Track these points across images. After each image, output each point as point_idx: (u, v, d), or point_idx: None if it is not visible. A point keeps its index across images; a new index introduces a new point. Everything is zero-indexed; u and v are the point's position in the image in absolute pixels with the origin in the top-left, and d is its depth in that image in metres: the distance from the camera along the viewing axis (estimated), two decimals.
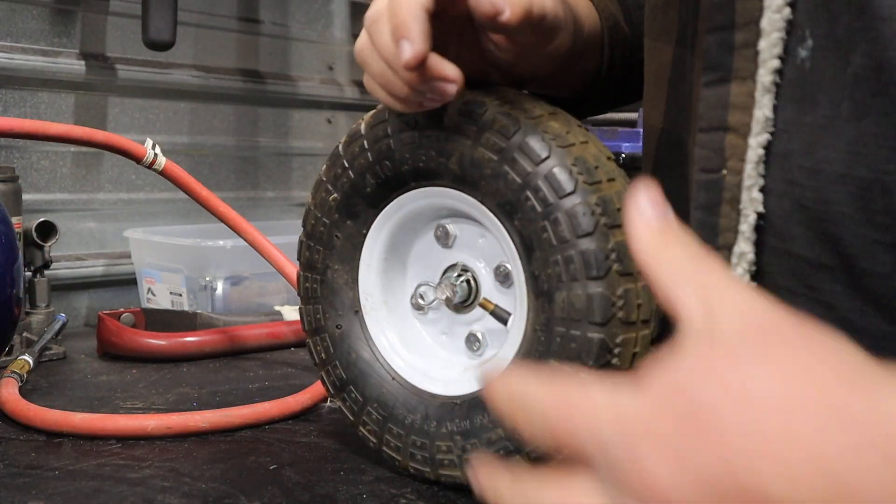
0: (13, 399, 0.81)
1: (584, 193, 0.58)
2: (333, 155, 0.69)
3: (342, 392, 0.71)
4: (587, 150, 0.60)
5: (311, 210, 0.71)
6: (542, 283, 0.60)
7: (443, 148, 0.63)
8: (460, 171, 0.62)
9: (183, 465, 0.71)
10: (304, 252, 0.72)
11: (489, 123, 0.61)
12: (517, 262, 0.62)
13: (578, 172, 0.59)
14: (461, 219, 0.68)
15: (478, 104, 0.61)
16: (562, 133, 0.60)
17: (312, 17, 1.64)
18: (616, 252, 0.58)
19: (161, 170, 1.02)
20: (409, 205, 0.68)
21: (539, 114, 0.61)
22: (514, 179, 0.60)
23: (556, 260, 0.59)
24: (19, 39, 1.26)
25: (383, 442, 0.68)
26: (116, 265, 1.35)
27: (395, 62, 0.57)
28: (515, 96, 0.62)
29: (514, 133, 0.60)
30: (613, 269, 0.58)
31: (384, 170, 0.66)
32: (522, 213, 0.60)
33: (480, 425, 0.63)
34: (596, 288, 0.58)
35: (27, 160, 1.28)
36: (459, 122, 0.62)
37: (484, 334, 0.68)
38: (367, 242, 0.70)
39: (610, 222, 0.58)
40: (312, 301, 0.72)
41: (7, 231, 0.90)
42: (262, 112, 1.57)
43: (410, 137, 0.64)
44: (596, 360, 0.58)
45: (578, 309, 0.58)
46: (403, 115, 0.64)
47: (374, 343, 0.70)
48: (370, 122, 0.67)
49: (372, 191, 0.68)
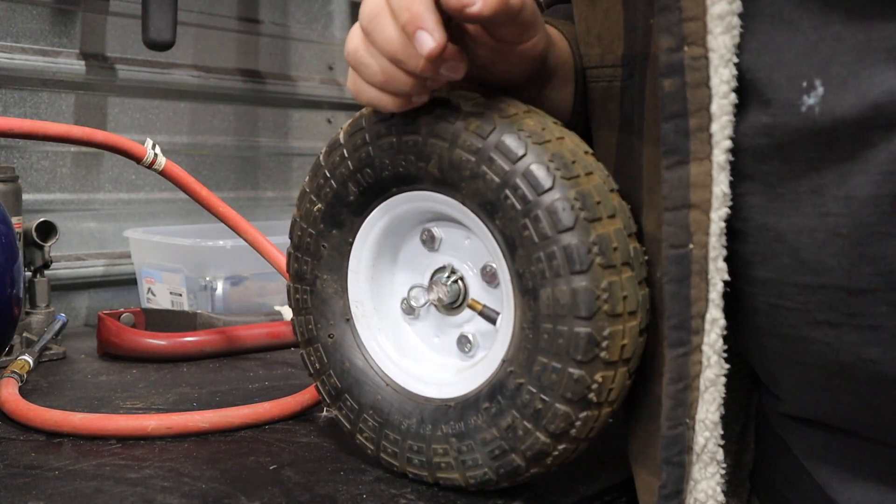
0: (13, 399, 0.81)
1: (563, 189, 0.58)
2: (315, 166, 0.70)
3: (338, 401, 0.71)
4: (564, 145, 0.61)
5: (296, 222, 0.71)
6: (526, 281, 0.60)
7: (421, 152, 0.63)
8: (440, 173, 0.62)
9: (183, 465, 0.71)
10: (292, 264, 0.72)
11: (465, 125, 0.61)
12: (502, 261, 0.62)
13: (556, 168, 0.59)
14: (445, 222, 0.68)
15: (453, 106, 0.62)
16: (537, 130, 0.60)
17: (312, 17, 1.64)
18: (598, 245, 0.58)
19: (161, 170, 1.02)
20: (392, 211, 0.68)
21: (514, 112, 0.61)
22: (492, 179, 0.60)
23: (539, 257, 0.59)
24: (19, 39, 1.26)
25: (381, 449, 0.68)
26: (116, 265, 1.35)
27: (405, 56, 0.58)
28: (490, 97, 0.63)
29: (490, 133, 0.60)
30: (596, 262, 0.58)
31: (365, 177, 0.66)
32: (503, 211, 0.60)
33: (474, 426, 0.63)
34: (580, 282, 0.58)
35: (27, 160, 1.28)
36: (436, 125, 0.62)
37: (475, 335, 0.68)
38: (354, 250, 0.70)
39: (590, 216, 0.58)
40: (304, 312, 0.72)
41: (7, 231, 0.90)
42: (262, 112, 1.57)
43: (389, 143, 0.64)
44: (584, 354, 0.58)
45: (563, 304, 0.58)
46: (381, 122, 0.64)
47: (367, 350, 0.70)
48: (348, 130, 0.67)
49: (355, 199, 0.68)
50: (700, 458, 0.57)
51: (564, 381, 0.58)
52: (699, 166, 0.54)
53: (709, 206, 0.54)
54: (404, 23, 0.56)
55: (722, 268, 0.54)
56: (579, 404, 0.59)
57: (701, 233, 0.54)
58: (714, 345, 0.55)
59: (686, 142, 0.54)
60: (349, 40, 0.62)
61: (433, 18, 0.56)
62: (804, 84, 0.51)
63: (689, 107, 0.54)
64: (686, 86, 0.54)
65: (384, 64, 0.59)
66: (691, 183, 0.54)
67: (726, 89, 0.53)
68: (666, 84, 0.54)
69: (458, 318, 0.69)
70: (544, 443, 0.60)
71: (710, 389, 0.56)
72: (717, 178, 0.53)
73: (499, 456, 0.62)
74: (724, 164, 0.53)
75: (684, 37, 0.53)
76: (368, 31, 0.60)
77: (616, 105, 0.66)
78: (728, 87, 0.53)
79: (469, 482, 0.64)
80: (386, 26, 0.58)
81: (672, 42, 0.54)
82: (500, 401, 0.62)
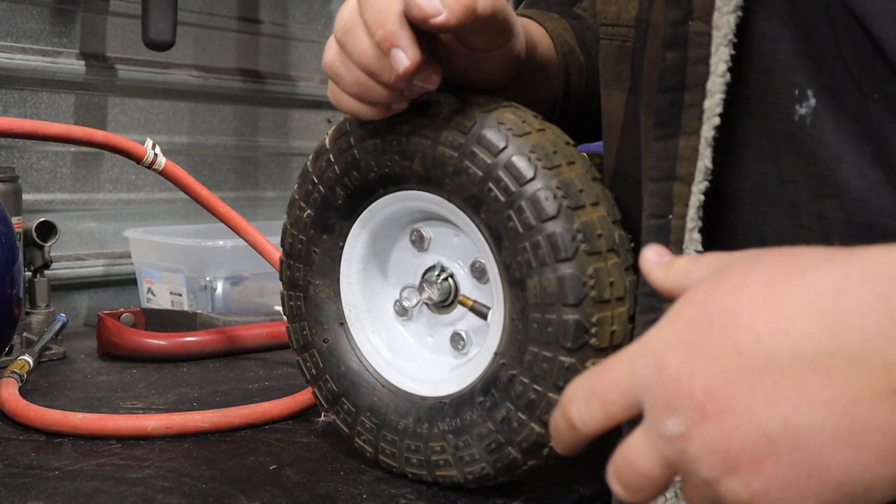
0: (13, 399, 0.81)
1: (545, 178, 0.59)
2: (303, 172, 0.70)
3: (335, 405, 0.71)
4: (545, 136, 0.61)
5: (287, 229, 0.72)
6: (513, 272, 0.60)
7: (405, 151, 0.63)
8: (424, 171, 0.63)
9: (183, 465, 0.71)
10: (285, 271, 0.73)
11: (446, 121, 0.61)
12: (489, 255, 0.62)
13: (537, 159, 0.59)
14: (434, 221, 0.68)
15: (433, 104, 0.62)
16: (517, 123, 0.61)
17: (312, 17, 1.64)
18: (582, 233, 0.58)
19: (161, 170, 1.02)
20: (380, 212, 0.68)
21: (493, 107, 0.62)
22: (475, 173, 0.60)
23: (525, 247, 0.59)
24: (19, 39, 1.26)
25: (379, 450, 0.68)
26: (116, 265, 1.35)
27: (379, 69, 0.58)
28: (469, 94, 0.63)
29: (471, 127, 0.61)
30: (581, 249, 0.58)
31: (352, 180, 0.67)
32: (487, 205, 0.60)
33: (470, 421, 0.63)
34: (566, 270, 0.58)
35: (27, 160, 1.28)
36: (418, 123, 0.62)
37: (467, 332, 0.69)
38: (345, 254, 0.70)
39: (573, 204, 0.59)
40: (298, 318, 0.72)
41: (7, 231, 0.90)
42: (262, 112, 1.57)
43: (373, 145, 0.65)
44: (574, 342, 0.58)
45: (551, 293, 0.58)
46: (365, 125, 0.65)
47: (362, 353, 0.71)
48: (333, 135, 0.68)
49: (343, 203, 0.68)
50: None
51: (556, 369, 0.59)
52: (687, 140, 0.54)
53: (691, 180, 0.54)
54: (379, 40, 0.57)
55: (696, 238, 0.54)
56: None
57: (681, 204, 0.54)
58: None
59: (678, 115, 0.54)
60: (326, 52, 0.62)
61: (407, 36, 0.56)
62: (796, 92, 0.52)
63: (686, 82, 0.54)
64: (687, 61, 0.54)
65: (359, 76, 0.60)
66: (679, 156, 0.54)
67: (724, 68, 0.53)
68: (668, 57, 0.54)
69: (450, 316, 0.69)
70: (539, 433, 0.60)
71: None
72: (703, 153, 0.54)
73: (495, 450, 0.62)
74: (711, 140, 0.53)
75: (691, 11, 0.53)
76: (343, 43, 0.60)
77: (628, 66, 0.65)
78: (725, 66, 0.53)
79: (468, 478, 0.64)
80: (360, 40, 0.59)
81: (679, 14, 0.54)
82: (494, 394, 0.62)
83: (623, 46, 0.66)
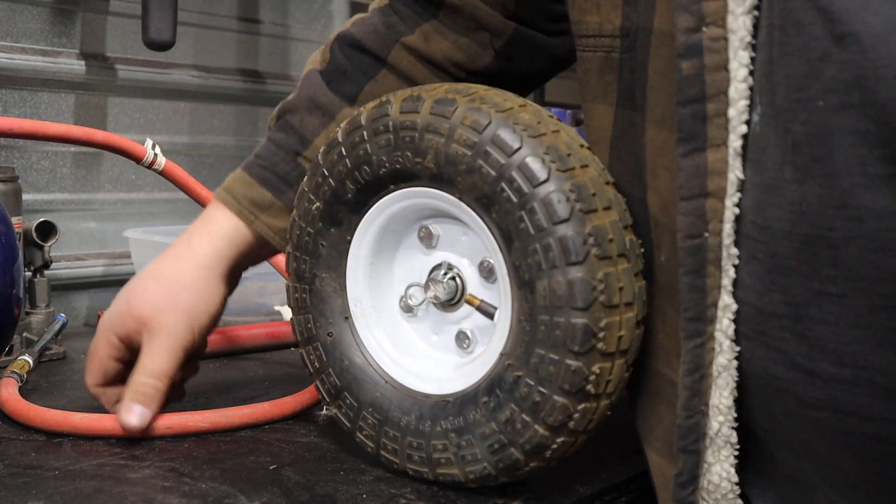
0: (13, 399, 0.81)
1: (558, 181, 0.59)
2: (313, 165, 0.70)
3: (337, 399, 0.71)
4: (559, 138, 0.61)
5: (295, 221, 0.72)
6: (523, 274, 0.60)
7: (418, 148, 0.63)
8: (436, 169, 0.63)
9: (183, 465, 0.71)
10: (291, 263, 0.72)
11: (460, 119, 0.61)
12: (499, 255, 0.62)
13: (551, 161, 0.59)
14: (443, 218, 0.68)
15: (448, 101, 0.62)
16: (532, 123, 0.61)
17: (312, 17, 1.64)
18: (594, 237, 0.58)
19: (161, 170, 1.02)
20: (390, 208, 0.68)
21: (509, 106, 0.61)
22: (488, 172, 0.60)
23: (535, 249, 0.59)
24: (19, 39, 1.26)
25: (380, 446, 0.68)
26: (116, 265, 1.35)
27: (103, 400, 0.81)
28: (485, 92, 0.63)
29: (486, 127, 0.60)
30: (592, 253, 0.58)
31: (363, 175, 0.67)
32: (499, 205, 0.60)
33: (473, 421, 0.63)
34: (576, 273, 0.58)
35: (27, 160, 1.28)
36: (432, 120, 0.62)
37: (473, 331, 0.68)
38: (352, 249, 0.70)
39: (585, 207, 0.59)
40: (303, 311, 0.72)
41: (7, 231, 0.90)
42: (262, 112, 1.57)
43: (386, 140, 0.65)
44: (581, 345, 0.58)
45: (560, 296, 0.58)
46: (379, 119, 0.65)
47: (366, 348, 0.71)
48: (346, 129, 0.67)
49: (353, 197, 0.68)
50: (714, 443, 0.57)
51: (562, 372, 0.59)
52: (716, 153, 0.53)
53: (724, 194, 0.53)
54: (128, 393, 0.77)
55: (734, 254, 0.54)
56: (577, 396, 0.59)
57: (716, 220, 0.53)
58: (726, 330, 0.55)
59: (703, 128, 0.53)
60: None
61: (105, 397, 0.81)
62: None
63: (707, 91, 0.53)
64: (705, 69, 0.52)
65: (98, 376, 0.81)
66: (709, 171, 0.53)
67: (745, 73, 0.52)
68: (685, 67, 0.53)
69: (456, 314, 0.69)
70: (543, 435, 0.60)
71: (723, 374, 0.55)
72: (733, 165, 0.53)
73: (498, 450, 0.62)
74: (739, 149, 0.52)
75: (703, 16, 0.52)
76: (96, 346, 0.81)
77: (614, 77, 0.65)
78: (746, 70, 0.51)
79: (469, 477, 0.64)
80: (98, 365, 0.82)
81: (690, 21, 0.53)
82: (499, 394, 0.62)
83: (608, 57, 0.65)
